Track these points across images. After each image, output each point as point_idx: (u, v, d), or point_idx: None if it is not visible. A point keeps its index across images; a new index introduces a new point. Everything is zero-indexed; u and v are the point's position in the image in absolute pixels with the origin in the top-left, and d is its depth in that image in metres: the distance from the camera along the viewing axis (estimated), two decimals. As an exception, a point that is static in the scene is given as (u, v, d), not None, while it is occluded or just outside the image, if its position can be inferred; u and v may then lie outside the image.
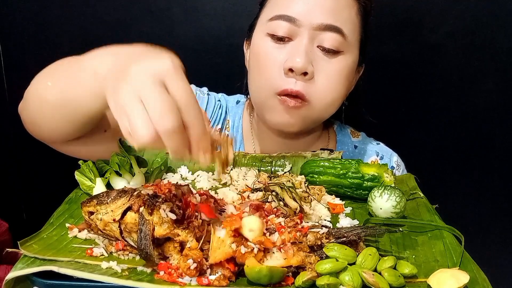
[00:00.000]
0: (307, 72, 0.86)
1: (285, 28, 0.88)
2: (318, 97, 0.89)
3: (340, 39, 0.88)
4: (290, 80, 0.87)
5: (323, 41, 0.87)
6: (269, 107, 0.91)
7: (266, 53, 0.90)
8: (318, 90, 0.88)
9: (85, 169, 0.79)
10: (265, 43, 0.90)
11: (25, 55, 1.41)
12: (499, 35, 1.30)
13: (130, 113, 0.53)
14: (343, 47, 0.89)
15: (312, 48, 0.88)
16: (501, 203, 1.44)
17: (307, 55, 0.86)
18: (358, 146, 1.09)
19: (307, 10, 0.87)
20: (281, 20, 0.88)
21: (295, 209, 0.69)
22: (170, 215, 0.58)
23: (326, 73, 0.88)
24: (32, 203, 1.58)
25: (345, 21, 0.88)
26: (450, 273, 0.56)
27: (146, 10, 1.35)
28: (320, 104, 0.90)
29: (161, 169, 0.85)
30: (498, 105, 1.36)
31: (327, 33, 0.87)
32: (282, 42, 0.89)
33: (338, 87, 0.91)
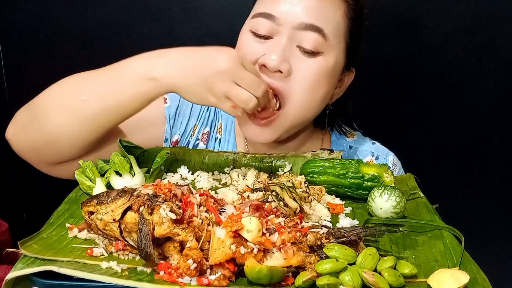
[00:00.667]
0: (281, 71, 0.86)
1: (266, 26, 0.88)
2: (294, 96, 0.88)
3: (319, 39, 0.87)
4: (263, 75, 0.87)
5: (302, 41, 0.87)
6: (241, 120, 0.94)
7: (245, 47, 0.91)
8: (293, 88, 0.88)
9: (85, 169, 0.80)
10: (247, 39, 0.91)
11: (25, 55, 1.41)
12: (499, 35, 1.30)
13: (234, 93, 0.75)
14: (323, 48, 0.88)
15: (291, 47, 0.87)
16: (501, 203, 1.44)
17: (283, 53, 0.86)
18: (353, 146, 1.09)
19: (288, 9, 0.87)
20: (262, 17, 0.89)
21: (295, 209, 0.69)
22: (170, 214, 0.58)
23: (303, 73, 0.88)
24: (32, 203, 1.58)
25: (327, 21, 0.87)
26: (450, 273, 0.56)
27: (146, 10, 1.35)
28: (293, 104, 0.89)
29: (161, 169, 0.85)
30: (498, 105, 1.36)
31: (307, 33, 0.87)
32: (263, 39, 0.89)
33: (315, 88, 0.89)
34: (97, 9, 1.36)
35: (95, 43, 1.38)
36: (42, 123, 0.81)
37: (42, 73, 1.42)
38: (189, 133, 1.02)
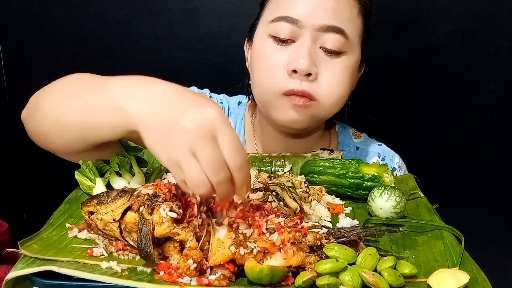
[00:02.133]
0: (311, 73, 0.87)
1: (287, 29, 0.88)
2: (324, 96, 0.89)
3: (342, 40, 0.88)
4: (294, 80, 0.88)
5: (325, 42, 0.88)
6: (276, 106, 0.92)
7: (269, 54, 0.90)
8: (323, 89, 0.89)
9: (85, 169, 0.80)
10: (268, 44, 0.91)
11: (25, 55, 1.41)
12: (499, 35, 1.30)
13: (185, 166, 0.57)
14: (345, 47, 0.89)
15: (315, 49, 0.88)
16: (501, 203, 1.44)
17: (310, 56, 0.87)
18: (360, 147, 1.10)
19: (309, 11, 0.87)
20: (283, 21, 0.88)
21: (295, 209, 0.69)
22: (170, 214, 0.58)
23: (330, 73, 0.89)
24: (32, 203, 1.58)
25: (346, 22, 0.89)
26: (450, 273, 0.56)
27: (146, 10, 1.35)
28: (326, 103, 0.91)
29: (161, 169, 0.85)
30: (498, 105, 1.36)
31: (329, 34, 0.88)
32: (285, 43, 0.89)
33: (343, 86, 0.91)
34: (97, 9, 1.36)
35: (95, 43, 1.38)
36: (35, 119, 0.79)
37: (42, 73, 1.42)
38: None
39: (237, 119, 1.08)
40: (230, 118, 1.07)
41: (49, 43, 1.39)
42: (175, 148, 0.57)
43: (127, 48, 1.38)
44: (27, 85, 1.47)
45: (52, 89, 0.79)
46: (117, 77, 0.70)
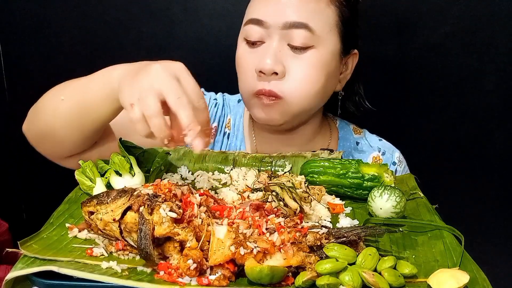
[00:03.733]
0: (277, 72, 0.89)
1: (256, 32, 0.91)
2: (290, 93, 0.91)
3: (307, 34, 0.89)
4: (263, 81, 0.91)
5: (291, 39, 0.89)
6: (251, 106, 0.96)
7: (242, 57, 0.95)
8: (289, 86, 0.91)
9: (85, 169, 0.80)
10: (242, 47, 0.95)
11: (25, 55, 1.41)
12: (499, 35, 1.30)
13: (144, 97, 0.64)
14: (312, 41, 0.90)
15: (282, 48, 0.90)
16: (501, 203, 1.44)
17: (276, 56, 0.89)
18: (360, 142, 1.10)
19: (272, 10, 0.89)
20: (251, 24, 0.91)
21: (295, 209, 0.69)
22: (170, 214, 0.58)
23: (297, 69, 0.90)
24: (32, 203, 1.58)
25: (311, 15, 0.89)
26: (450, 273, 0.56)
27: (146, 10, 1.35)
28: (293, 99, 0.91)
29: (161, 169, 0.85)
30: (498, 105, 1.36)
31: (294, 31, 0.89)
32: (255, 45, 0.93)
33: (311, 80, 0.91)
34: (97, 9, 1.36)
35: (95, 43, 1.38)
36: (36, 123, 0.87)
37: (42, 73, 1.42)
38: None
39: (236, 116, 1.09)
40: (229, 115, 1.09)
41: (49, 43, 1.39)
42: (140, 83, 0.66)
43: (127, 48, 1.38)
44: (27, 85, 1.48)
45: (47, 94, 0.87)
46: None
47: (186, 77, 0.67)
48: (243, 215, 0.65)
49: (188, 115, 0.64)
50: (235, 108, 1.11)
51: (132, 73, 0.70)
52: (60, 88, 0.85)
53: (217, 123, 1.08)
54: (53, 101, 0.83)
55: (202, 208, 0.62)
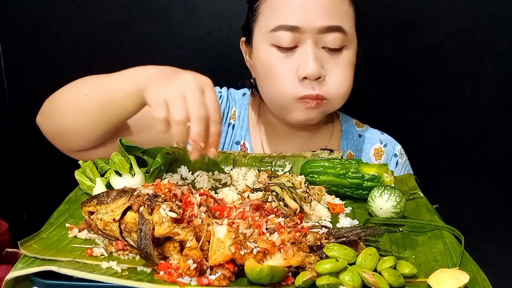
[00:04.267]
0: (321, 76, 0.91)
1: (289, 37, 0.91)
2: (335, 94, 0.94)
3: (341, 36, 0.91)
4: (307, 86, 0.91)
5: (326, 42, 0.91)
6: (290, 110, 0.95)
7: (275, 63, 0.93)
8: (333, 88, 0.93)
9: (85, 169, 0.80)
10: (272, 53, 0.93)
11: (25, 55, 1.41)
12: (499, 35, 1.30)
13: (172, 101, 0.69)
14: (345, 42, 0.93)
15: (318, 51, 0.92)
16: (501, 203, 1.44)
17: (317, 60, 0.90)
18: (362, 135, 1.12)
19: (306, 16, 0.89)
20: (283, 30, 0.91)
21: (295, 210, 0.69)
22: (170, 214, 0.58)
23: (336, 71, 0.93)
24: (32, 203, 1.58)
25: (342, 17, 0.91)
26: (450, 273, 0.56)
27: (146, 10, 1.35)
28: (336, 99, 0.95)
29: (161, 169, 0.85)
30: (498, 105, 1.35)
31: (329, 34, 0.90)
32: (289, 51, 0.92)
33: (349, 79, 0.96)
34: (97, 9, 1.35)
35: (95, 43, 1.38)
36: (54, 116, 0.88)
37: (42, 73, 1.42)
38: None
39: (242, 108, 1.11)
40: (234, 107, 1.11)
41: (49, 43, 1.39)
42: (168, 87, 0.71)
43: (127, 48, 1.38)
44: (27, 85, 1.47)
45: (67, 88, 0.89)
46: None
47: (210, 92, 0.72)
48: (243, 215, 0.65)
49: (198, 130, 0.69)
50: (240, 100, 1.12)
51: (162, 75, 0.75)
52: (83, 83, 0.87)
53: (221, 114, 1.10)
54: (76, 96, 0.86)
55: (202, 208, 0.62)
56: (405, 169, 1.10)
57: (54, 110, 0.89)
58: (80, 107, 0.84)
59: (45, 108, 0.91)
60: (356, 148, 1.09)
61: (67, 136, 0.88)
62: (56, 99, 0.89)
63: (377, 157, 1.09)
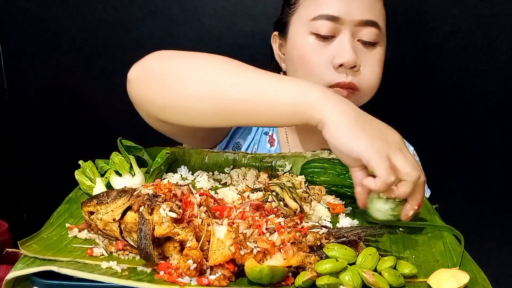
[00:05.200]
0: (356, 65, 0.93)
1: (328, 26, 0.93)
2: (367, 86, 0.96)
3: (377, 31, 0.95)
4: (341, 74, 0.94)
5: (362, 36, 0.94)
6: None
7: (312, 51, 0.95)
8: (366, 80, 0.96)
9: (85, 169, 0.80)
10: (310, 41, 0.96)
11: (25, 55, 1.41)
12: (499, 35, 1.30)
13: (402, 160, 0.64)
14: (379, 38, 0.96)
15: (355, 42, 0.95)
16: (501, 203, 1.44)
17: (353, 50, 0.93)
18: None
19: (347, 8, 0.93)
20: (324, 19, 0.94)
21: (295, 210, 0.69)
22: (170, 214, 0.58)
23: (370, 64, 0.96)
24: (32, 203, 1.58)
25: (378, 14, 0.96)
26: (450, 273, 0.56)
27: (146, 10, 1.35)
28: (367, 92, 0.98)
29: (161, 169, 0.85)
30: (498, 105, 1.36)
31: (366, 28, 0.94)
32: (326, 40, 0.95)
33: (380, 75, 0.98)
34: (97, 9, 1.36)
35: (95, 43, 1.38)
36: (176, 88, 0.75)
37: (42, 73, 1.42)
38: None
39: None
40: None
41: (49, 43, 1.39)
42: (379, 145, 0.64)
43: (127, 48, 1.38)
44: (27, 85, 1.47)
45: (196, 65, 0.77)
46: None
47: (407, 151, 0.67)
48: (243, 215, 0.65)
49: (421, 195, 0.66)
50: None
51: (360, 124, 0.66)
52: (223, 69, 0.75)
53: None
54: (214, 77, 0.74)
55: (202, 208, 0.62)
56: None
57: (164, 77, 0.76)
58: (217, 93, 0.72)
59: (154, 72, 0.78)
60: None
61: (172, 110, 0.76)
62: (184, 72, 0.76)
63: None
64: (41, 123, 1.47)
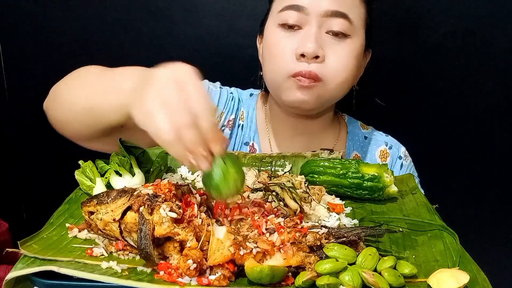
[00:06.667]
0: (318, 56, 0.92)
1: (294, 17, 0.93)
2: (331, 77, 0.94)
3: (346, 23, 0.93)
4: (302, 63, 0.92)
5: (331, 26, 0.93)
6: (285, 88, 0.96)
7: (277, 42, 0.96)
8: (330, 70, 0.94)
9: (85, 169, 0.80)
10: (277, 32, 0.96)
11: (25, 55, 1.41)
12: (499, 35, 1.30)
13: (155, 118, 0.57)
14: (350, 31, 0.94)
15: (321, 34, 0.93)
16: (501, 203, 1.44)
17: (317, 41, 0.92)
18: (368, 136, 1.13)
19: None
20: (290, 10, 0.94)
21: (295, 210, 0.69)
22: (170, 214, 0.58)
23: (336, 55, 0.94)
24: (32, 203, 1.58)
25: (349, 7, 0.94)
26: (450, 273, 0.56)
27: (146, 10, 1.35)
28: (332, 83, 0.95)
29: (161, 169, 0.85)
30: (498, 105, 1.35)
31: (334, 19, 0.93)
32: (292, 30, 0.94)
33: (348, 68, 0.96)
34: (97, 9, 1.36)
35: (95, 43, 1.38)
36: (54, 107, 0.86)
37: (42, 73, 1.42)
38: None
39: (249, 108, 1.12)
40: (242, 108, 1.12)
41: (49, 43, 1.39)
42: (147, 100, 0.59)
43: (127, 48, 1.38)
44: (27, 85, 1.47)
45: (68, 80, 0.86)
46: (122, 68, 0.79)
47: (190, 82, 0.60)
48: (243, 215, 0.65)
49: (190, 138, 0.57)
50: (247, 101, 1.13)
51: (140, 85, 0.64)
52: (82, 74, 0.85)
53: (234, 115, 1.10)
54: (70, 89, 0.83)
55: (202, 208, 0.62)
56: (410, 171, 1.11)
57: (55, 99, 0.86)
58: (71, 103, 0.81)
59: (50, 95, 0.88)
60: (362, 150, 1.11)
61: (68, 126, 0.84)
62: (58, 88, 0.87)
63: (383, 159, 1.11)
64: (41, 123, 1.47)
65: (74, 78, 0.86)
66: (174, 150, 0.58)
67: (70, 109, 0.82)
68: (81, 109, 0.79)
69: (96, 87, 0.80)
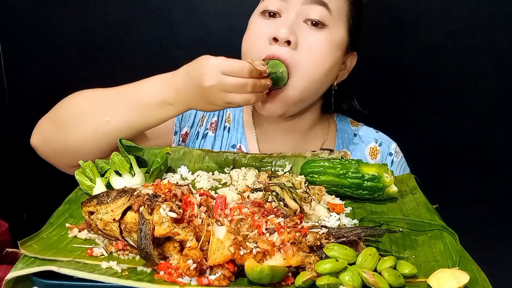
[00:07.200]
0: (290, 41, 0.91)
1: (275, 4, 0.95)
2: (302, 63, 0.93)
3: (325, 12, 0.93)
4: (274, 46, 0.93)
5: (309, 14, 0.93)
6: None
7: (255, 28, 0.97)
8: (301, 57, 0.93)
9: (85, 169, 0.80)
10: (257, 20, 0.97)
11: (25, 55, 1.41)
12: (499, 35, 1.30)
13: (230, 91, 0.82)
14: (328, 21, 0.94)
15: (298, 22, 0.94)
16: (501, 203, 1.44)
17: (291, 27, 0.92)
18: (357, 134, 1.12)
19: None
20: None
21: (295, 210, 0.69)
22: (170, 214, 0.58)
23: (310, 43, 0.93)
24: (32, 203, 1.58)
25: None
26: (450, 273, 0.56)
27: (146, 10, 1.35)
28: (303, 70, 0.93)
29: (161, 169, 0.85)
30: (498, 105, 1.36)
31: (313, 6, 0.93)
32: (272, 17, 0.96)
33: (322, 58, 0.94)
34: (97, 9, 1.36)
35: (95, 43, 1.38)
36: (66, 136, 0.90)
37: (42, 73, 1.42)
38: (197, 124, 1.09)
39: (236, 111, 1.12)
40: (229, 110, 1.12)
41: (49, 43, 1.39)
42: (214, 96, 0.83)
43: (127, 48, 1.38)
44: (27, 85, 1.47)
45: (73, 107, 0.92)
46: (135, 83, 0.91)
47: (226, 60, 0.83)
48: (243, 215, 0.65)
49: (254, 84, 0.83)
50: None
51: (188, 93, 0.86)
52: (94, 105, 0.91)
53: (217, 118, 1.10)
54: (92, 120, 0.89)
55: (202, 208, 0.62)
56: (401, 167, 1.10)
57: (57, 132, 0.91)
58: (98, 132, 0.88)
59: (46, 129, 0.93)
60: (352, 147, 1.09)
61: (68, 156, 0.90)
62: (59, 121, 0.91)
63: (373, 156, 1.09)
64: (41, 123, 1.47)
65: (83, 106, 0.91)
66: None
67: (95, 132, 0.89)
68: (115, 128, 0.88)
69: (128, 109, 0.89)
